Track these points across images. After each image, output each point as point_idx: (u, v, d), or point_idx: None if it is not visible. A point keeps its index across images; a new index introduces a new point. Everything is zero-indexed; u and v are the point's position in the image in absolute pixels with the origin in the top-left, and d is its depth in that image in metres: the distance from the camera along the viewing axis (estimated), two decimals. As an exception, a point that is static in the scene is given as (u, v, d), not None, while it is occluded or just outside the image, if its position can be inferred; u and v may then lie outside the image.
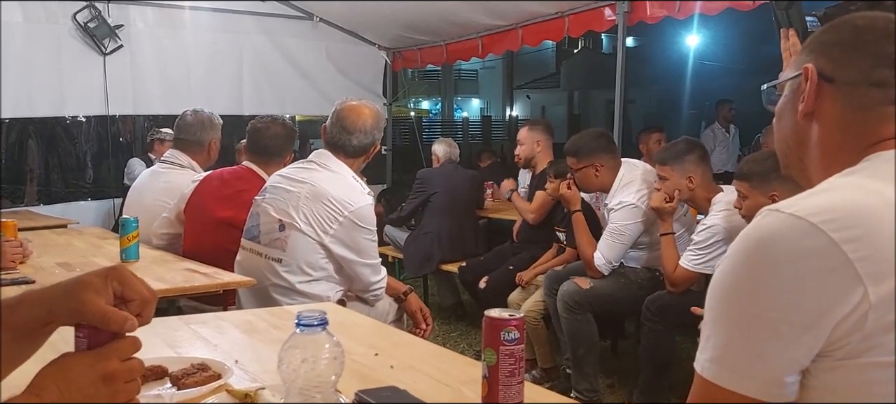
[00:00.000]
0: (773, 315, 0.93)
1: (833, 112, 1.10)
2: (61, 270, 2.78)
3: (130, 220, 2.95)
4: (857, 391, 0.92)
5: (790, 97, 1.17)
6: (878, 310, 0.89)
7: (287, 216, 2.68)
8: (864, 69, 1.08)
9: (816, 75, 1.11)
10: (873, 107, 1.07)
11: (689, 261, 3.28)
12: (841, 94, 1.09)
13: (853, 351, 0.91)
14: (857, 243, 0.91)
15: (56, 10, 5.47)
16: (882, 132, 1.06)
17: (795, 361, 0.94)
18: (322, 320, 1.13)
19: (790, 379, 0.95)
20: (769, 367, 0.95)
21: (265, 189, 2.86)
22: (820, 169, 1.10)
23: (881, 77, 1.07)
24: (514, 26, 5.89)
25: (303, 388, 1.11)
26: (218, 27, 6.28)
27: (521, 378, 1.29)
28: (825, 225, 0.92)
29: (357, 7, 6.24)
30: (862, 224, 0.92)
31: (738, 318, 0.97)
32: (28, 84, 5.40)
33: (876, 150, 1.05)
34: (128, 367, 1.00)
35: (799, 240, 0.93)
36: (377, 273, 2.78)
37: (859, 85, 1.08)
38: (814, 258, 0.91)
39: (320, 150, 2.84)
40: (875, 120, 1.07)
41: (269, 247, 2.72)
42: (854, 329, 0.90)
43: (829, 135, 1.11)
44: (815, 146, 1.13)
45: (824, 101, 1.11)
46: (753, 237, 0.97)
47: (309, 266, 2.67)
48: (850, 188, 0.99)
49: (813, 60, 1.12)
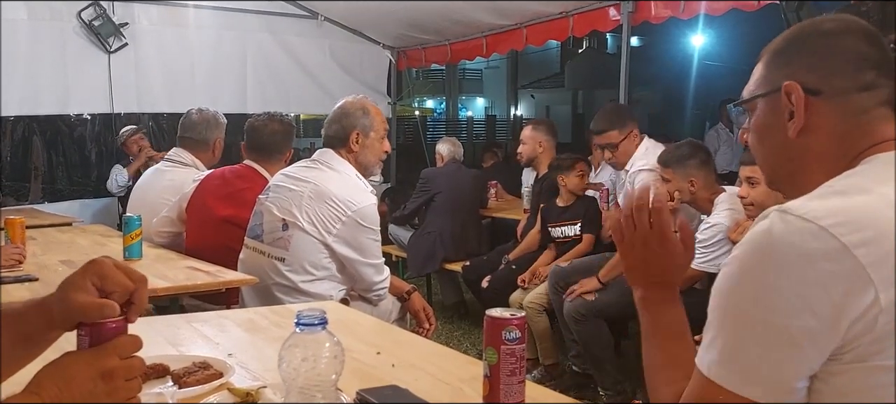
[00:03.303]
0: (786, 320, 0.92)
1: (827, 124, 1.08)
2: (65, 268, 2.78)
3: (133, 218, 2.96)
4: (865, 393, 0.92)
5: (770, 116, 1.13)
6: (888, 314, 0.89)
7: (290, 215, 2.68)
8: (850, 74, 1.06)
9: (802, 91, 1.08)
10: (866, 112, 1.06)
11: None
12: (832, 105, 1.07)
13: (862, 354, 0.91)
14: (867, 247, 0.90)
15: (61, 8, 5.49)
16: (879, 134, 1.05)
17: (808, 366, 0.94)
18: (322, 319, 1.13)
19: (800, 384, 0.95)
20: (780, 372, 0.94)
21: (269, 188, 2.85)
22: (818, 179, 1.07)
23: (867, 80, 1.06)
24: (519, 26, 5.89)
25: (303, 387, 1.11)
26: (222, 25, 6.29)
27: (522, 377, 1.29)
28: (835, 228, 0.91)
29: (361, 6, 6.24)
30: (871, 227, 0.92)
31: (748, 322, 0.96)
32: (33, 82, 5.43)
33: (873, 153, 1.04)
34: (127, 365, 1.00)
35: (808, 243, 0.92)
36: (380, 272, 2.78)
37: (849, 92, 1.06)
38: (824, 262, 0.91)
39: (323, 149, 2.84)
40: (870, 123, 1.06)
41: (273, 246, 2.72)
42: (864, 332, 0.90)
43: (827, 146, 1.08)
44: (813, 160, 1.10)
45: (815, 115, 1.08)
46: (762, 240, 0.96)
47: (312, 265, 2.67)
48: (856, 191, 0.98)
49: (790, 75, 1.09)
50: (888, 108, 1.06)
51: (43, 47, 5.42)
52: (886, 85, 1.06)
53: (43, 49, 5.42)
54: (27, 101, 5.43)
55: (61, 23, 5.49)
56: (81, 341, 1.01)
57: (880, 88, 1.06)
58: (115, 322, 1.02)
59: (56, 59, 5.49)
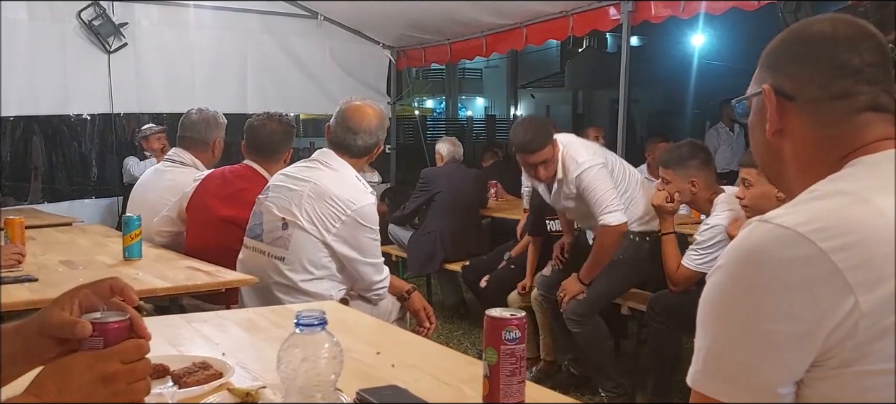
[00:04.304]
0: (766, 326, 0.93)
1: (801, 129, 1.10)
2: (65, 268, 2.78)
3: (133, 218, 2.96)
4: (852, 399, 0.92)
5: (756, 116, 1.17)
6: (870, 318, 0.89)
7: (290, 214, 2.68)
8: (823, 84, 1.07)
9: (774, 95, 1.10)
10: (840, 120, 1.06)
11: (691, 261, 3.29)
12: (804, 111, 1.09)
13: (847, 360, 0.91)
14: (845, 252, 0.90)
15: (61, 8, 5.49)
16: (860, 139, 1.05)
17: (789, 372, 0.94)
18: (321, 320, 1.13)
19: (784, 390, 0.95)
20: (762, 378, 0.94)
21: (268, 187, 2.86)
22: (800, 181, 1.08)
23: (841, 88, 1.06)
24: (519, 25, 5.89)
25: (303, 388, 1.11)
26: (222, 26, 6.29)
27: (522, 377, 1.29)
28: (813, 234, 0.92)
29: (361, 6, 6.24)
30: (850, 232, 0.92)
31: (730, 329, 0.97)
32: (33, 81, 5.43)
33: (857, 155, 1.04)
34: (130, 369, 1.00)
35: (787, 250, 0.92)
36: (380, 272, 2.78)
37: (821, 101, 1.07)
38: (802, 268, 0.91)
39: (323, 149, 2.84)
40: (847, 131, 1.06)
41: (272, 246, 2.72)
42: (846, 337, 0.90)
43: (802, 150, 1.10)
44: (791, 161, 1.12)
45: (790, 119, 1.10)
46: (743, 248, 0.97)
47: (312, 264, 2.67)
48: (837, 195, 0.98)
49: (771, 78, 1.12)
50: (872, 112, 1.05)
51: (43, 47, 5.42)
52: (867, 91, 1.05)
53: (43, 49, 5.42)
54: (27, 101, 5.43)
55: (61, 23, 5.49)
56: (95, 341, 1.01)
57: (857, 96, 1.05)
58: (118, 322, 1.03)
59: (56, 59, 5.49)
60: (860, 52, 1.06)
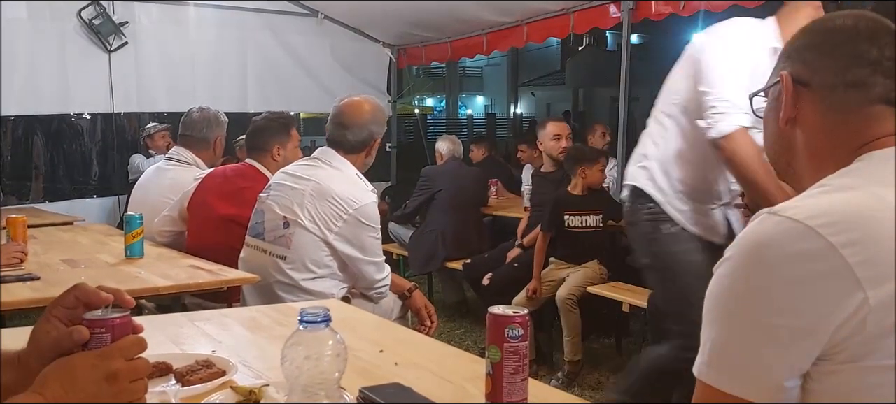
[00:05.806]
0: (772, 319, 0.93)
1: (813, 116, 1.10)
2: (66, 267, 2.78)
3: (135, 217, 2.96)
4: (858, 394, 0.92)
5: (772, 104, 1.17)
6: (878, 314, 0.89)
7: (292, 213, 2.68)
8: (838, 70, 1.07)
9: (791, 81, 1.11)
10: (853, 109, 1.06)
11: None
12: (818, 97, 1.09)
13: (854, 355, 0.91)
14: (855, 247, 0.90)
15: (61, 8, 5.48)
16: (872, 132, 1.05)
17: (795, 366, 0.94)
18: (325, 317, 1.13)
19: (790, 383, 0.94)
20: (768, 371, 0.94)
21: (270, 186, 2.86)
22: (810, 172, 1.09)
23: (857, 77, 1.06)
24: (519, 23, 5.88)
25: (306, 386, 1.11)
26: (223, 24, 6.28)
27: (525, 375, 1.28)
28: (822, 228, 0.91)
29: (362, 5, 6.24)
30: (860, 227, 0.91)
31: (736, 322, 0.97)
32: (33, 81, 5.42)
33: (868, 150, 1.04)
34: (132, 367, 1.01)
35: (795, 243, 0.92)
36: (381, 270, 2.78)
37: (835, 87, 1.07)
38: (811, 262, 0.91)
39: (324, 148, 2.84)
40: (859, 121, 1.06)
41: (274, 244, 2.72)
42: (854, 333, 0.90)
43: (814, 139, 1.10)
44: (803, 151, 1.12)
45: (804, 107, 1.11)
46: (750, 241, 0.97)
47: (313, 263, 2.67)
48: (847, 190, 0.98)
49: (789, 66, 1.12)
50: (886, 105, 1.05)
51: (43, 47, 5.41)
52: (882, 84, 1.05)
53: (43, 49, 5.42)
54: (28, 101, 5.42)
55: (61, 22, 5.48)
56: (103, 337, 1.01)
57: (873, 86, 1.05)
58: (121, 317, 1.04)
59: (56, 59, 5.48)
60: (880, 45, 1.06)
